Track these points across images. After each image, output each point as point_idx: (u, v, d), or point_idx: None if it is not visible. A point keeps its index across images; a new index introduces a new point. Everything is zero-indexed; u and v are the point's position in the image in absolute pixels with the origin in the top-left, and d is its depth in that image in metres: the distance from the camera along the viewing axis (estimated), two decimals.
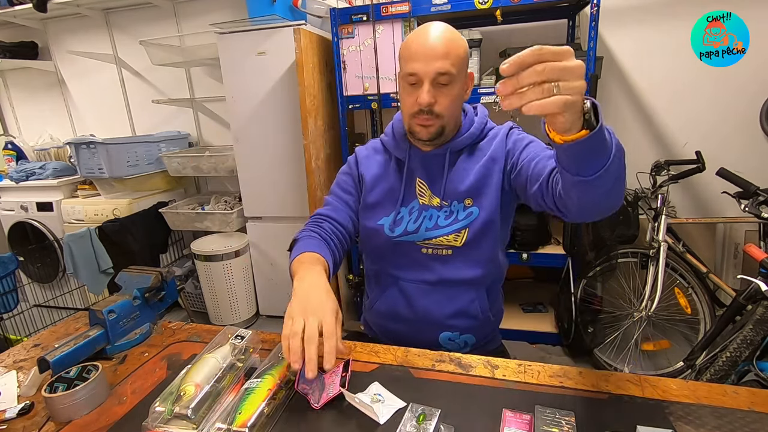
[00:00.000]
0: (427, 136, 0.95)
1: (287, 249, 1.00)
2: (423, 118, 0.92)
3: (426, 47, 0.88)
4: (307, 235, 0.99)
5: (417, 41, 0.90)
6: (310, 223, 1.05)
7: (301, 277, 0.82)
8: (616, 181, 0.66)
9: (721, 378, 1.37)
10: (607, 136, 0.60)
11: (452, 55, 0.88)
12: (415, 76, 0.89)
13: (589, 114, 0.58)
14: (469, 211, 0.98)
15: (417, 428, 0.66)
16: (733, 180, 1.75)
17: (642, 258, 1.97)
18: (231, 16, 2.58)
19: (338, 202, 1.08)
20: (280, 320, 2.66)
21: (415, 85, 0.91)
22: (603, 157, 0.61)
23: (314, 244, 0.95)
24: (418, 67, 0.88)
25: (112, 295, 1.02)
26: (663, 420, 0.67)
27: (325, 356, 0.68)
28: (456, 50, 0.88)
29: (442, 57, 0.87)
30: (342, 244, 1.04)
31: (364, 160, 1.09)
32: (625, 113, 2.26)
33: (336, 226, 1.04)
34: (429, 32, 0.89)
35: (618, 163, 0.63)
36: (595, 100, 0.59)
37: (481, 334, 1.05)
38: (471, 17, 2.19)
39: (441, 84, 0.89)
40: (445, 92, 0.90)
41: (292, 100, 2.21)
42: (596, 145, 0.59)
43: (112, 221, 2.43)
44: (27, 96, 3.28)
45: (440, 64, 0.87)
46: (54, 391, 0.76)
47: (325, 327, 0.70)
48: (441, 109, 0.91)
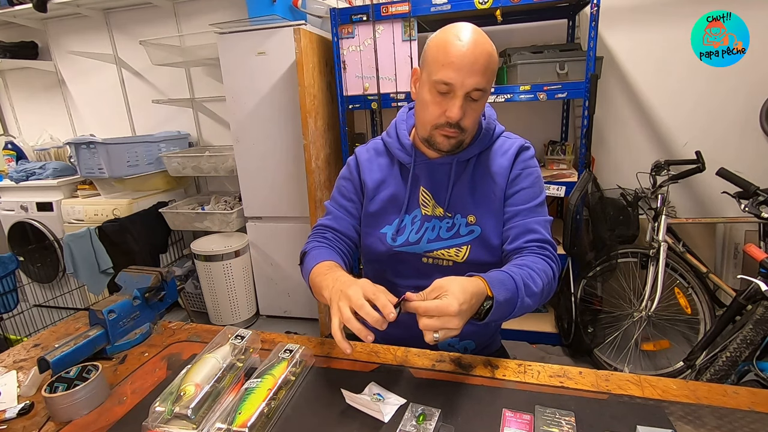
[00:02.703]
0: (448, 148, 0.91)
1: (298, 263, 1.01)
2: (447, 130, 0.88)
3: (467, 59, 0.82)
4: (315, 246, 0.99)
5: (456, 48, 0.82)
6: (313, 235, 1.04)
7: (327, 286, 0.82)
8: (522, 313, 0.83)
9: (721, 378, 1.37)
10: (511, 298, 0.78)
11: (489, 71, 0.84)
12: (449, 86, 0.84)
13: (480, 315, 0.76)
14: (471, 228, 0.96)
15: (417, 428, 0.66)
16: (733, 180, 1.75)
17: (642, 258, 1.97)
18: (231, 16, 2.58)
19: (339, 210, 1.06)
20: (280, 320, 2.67)
21: (446, 95, 0.85)
22: (506, 312, 0.79)
23: (325, 254, 0.95)
24: (454, 77, 0.82)
25: (112, 295, 1.02)
26: (663, 420, 0.67)
27: (383, 311, 0.70)
28: (493, 66, 0.85)
29: (481, 73, 0.82)
30: (348, 252, 1.04)
31: (366, 164, 1.04)
32: (625, 113, 2.26)
33: (339, 236, 1.03)
34: (470, 41, 0.82)
35: (521, 310, 0.81)
36: (491, 275, 0.80)
37: (481, 339, 1.05)
38: (471, 17, 2.18)
39: (472, 99, 0.85)
40: (474, 107, 0.87)
41: (292, 100, 2.21)
42: (500, 310, 0.76)
43: (112, 221, 2.43)
44: (27, 96, 3.28)
45: (478, 80, 0.83)
46: (54, 391, 0.76)
47: (367, 290, 0.73)
48: (467, 124, 0.88)
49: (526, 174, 0.95)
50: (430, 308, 0.69)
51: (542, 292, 0.84)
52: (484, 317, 0.75)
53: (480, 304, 0.74)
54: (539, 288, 0.82)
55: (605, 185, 2.23)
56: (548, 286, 0.86)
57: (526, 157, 0.97)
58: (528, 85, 1.89)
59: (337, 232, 1.04)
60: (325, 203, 1.10)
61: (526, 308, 0.81)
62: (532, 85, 1.88)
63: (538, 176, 0.97)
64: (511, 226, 0.94)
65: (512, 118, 2.39)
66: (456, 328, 0.69)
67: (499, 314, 0.76)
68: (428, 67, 0.87)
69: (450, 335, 0.70)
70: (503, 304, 0.76)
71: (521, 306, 0.79)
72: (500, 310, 0.76)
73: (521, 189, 0.95)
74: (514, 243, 0.92)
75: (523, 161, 0.96)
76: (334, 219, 1.05)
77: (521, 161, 0.96)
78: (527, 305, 0.81)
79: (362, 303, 0.71)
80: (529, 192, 0.94)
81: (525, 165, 0.96)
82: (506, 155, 0.96)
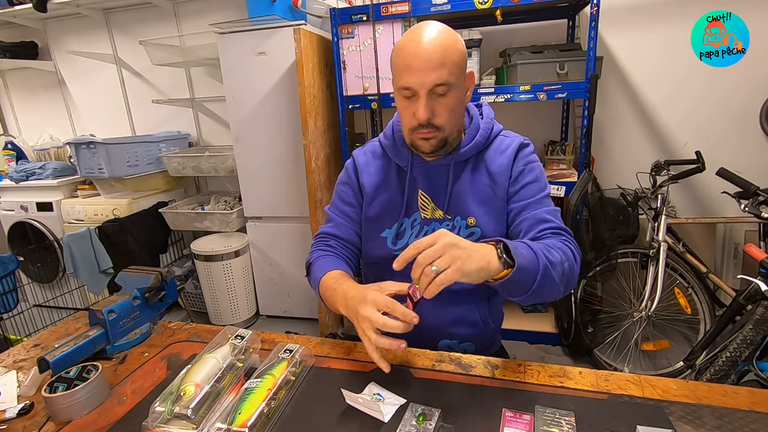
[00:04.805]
0: (429, 149, 0.90)
1: (305, 275, 1.02)
2: (423, 132, 0.88)
3: (421, 58, 0.81)
4: (320, 256, 0.99)
5: (409, 50, 0.83)
6: (316, 243, 1.04)
7: (340, 304, 0.84)
8: (549, 291, 0.77)
9: (721, 378, 1.37)
10: (531, 265, 0.71)
11: (448, 63, 0.81)
12: (410, 90, 0.84)
13: (503, 258, 0.70)
14: (472, 230, 0.95)
15: (417, 428, 0.66)
16: (733, 180, 1.75)
17: (642, 258, 1.97)
18: (231, 16, 2.58)
19: (340, 216, 1.05)
20: (280, 320, 2.67)
21: (411, 99, 0.86)
22: (528, 282, 0.72)
23: (330, 263, 0.95)
24: (412, 80, 0.82)
25: (112, 295, 1.02)
26: (663, 420, 0.67)
27: (404, 319, 0.72)
28: (452, 57, 0.82)
29: (438, 67, 0.81)
30: (353, 258, 1.04)
31: (363, 167, 1.03)
32: (625, 113, 2.26)
33: (342, 243, 1.03)
34: (422, 39, 0.82)
35: (544, 281, 0.73)
36: (506, 239, 0.72)
37: (481, 341, 1.04)
38: (471, 17, 2.19)
39: (438, 95, 0.84)
40: (443, 103, 0.85)
41: (292, 100, 2.21)
42: (520, 278, 0.70)
43: (112, 221, 2.43)
44: (27, 96, 3.28)
45: (436, 75, 0.81)
46: (54, 391, 0.76)
47: (380, 304, 0.75)
48: (441, 121, 0.86)
49: (529, 169, 0.94)
50: (421, 243, 0.68)
51: (561, 265, 0.77)
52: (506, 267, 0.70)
53: (484, 255, 0.69)
54: (557, 260, 0.77)
55: (605, 185, 2.23)
56: (568, 264, 0.80)
57: (527, 153, 0.96)
58: (528, 85, 1.89)
59: (340, 239, 1.03)
60: (326, 209, 1.09)
61: (551, 279, 0.74)
62: (532, 85, 1.88)
63: (541, 170, 0.96)
64: (521, 220, 0.91)
65: (512, 118, 2.39)
66: (449, 252, 0.66)
67: (523, 261, 0.69)
68: (394, 76, 0.88)
69: (446, 262, 0.66)
70: (520, 255, 0.70)
71: (545, 270, 0.73)
72: (522, 258, 0.70)
73: (526, 184, 0.93)
74: (527, 235, 0.88)
75: (525, 157, 0.95)
76: (335, 226, 1.05)
77: (522, 157, 0.95)
78: (549, 274, 0.74)
79: (384, 320, 0.73)
80: (534, 186, 0.93)
81: (527, 161, 0.95)
82: (506, 153, 0.95)
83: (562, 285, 0.79)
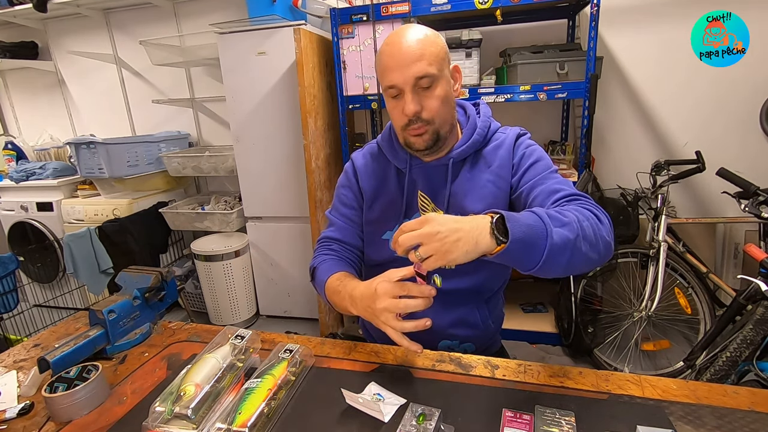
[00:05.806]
0: (423, 145, 0.90)
1: (309, 280, 1.02)
2: (414, 128, 0.88)
3: (398, 55, 0.84)
4: (324, 260, 0.99)
5: (388, 51, 0.86)
6: (319, 248, 1.04)
7: (350, 305, 0.85)
8: (571, 260, 0.69)
9: (721, 378, 1.37)
10: (533, 233, 0.66)
11: (427, 54, 0.83)
12: (394, 87, 0.86)
13: (495, 233, 0.66)
14: None
15: (417, 428, 0.66)
16: (733, 180, 1.75)
17: (642, 258, 1.97)
18: (231, 16, 2.58)
19: (341, 219, 1.05)
20: (280, 320, 2.67)
21: (398, 97, 0.87)
22: (534, 253, 0.66)
23: (334, 266, 0.96)
24: (395, 77, 0.84)
25: (112, 295, 1.02)
26: (663, 420, 0.67)
27: (422, 295, 0.73)
28: (430, 48, 0.84)
29: (417, 60, 0.83)
30: (356, 261, 1.04)
31: (363, 170, 1.03)
32: (625, 113, 2.26)
33: (345, 246, 1.03)
34: (398, 38, 0.85)
35: (557, 248, 0.66)
36: (505, 212, 0.67)
37: (481, 342, 1.04)
38: (471, 17, 2.19)
39: (423, 88, 0.85)
40: (429, 95, 0.86)
41: (292, 100, 2.21)
42: (520, 249, 0.65)
43: (112, 221, 2.43)
44: (27, 96, 3.28)
45: (417, 68, 0.83)
46: (54, 391, 0.76)
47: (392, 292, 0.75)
48: (430, 114, 0.87)
49: (529, 153, 0.94)
50: (405, 227, 0.69)
51: (578, 226, 0.70)
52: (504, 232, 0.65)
53: (471, 236, 0.65)
54: (569, 219, 0.70)
55: (605, 185, 2.23)
56: (588, 223, 0.72)
57: (525, 141, 0.97)
58: (528, 85, 1.89)
59: (342, 242, 1.03)
60: (327, 213, 1.09)
61: (566, 244, 0.67)
62: (532, 85, 1.88)
63: (543, 152, 0.95)
64: (531, 199, 0.87)
65: (512, 118, 2.39)
66: (436, 247, 0.64)
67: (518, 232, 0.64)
68: (379, 80, 0.91)
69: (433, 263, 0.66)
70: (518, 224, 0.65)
71: (557, 236, 0.66)
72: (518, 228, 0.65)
73: (530, 166, 0.92)
74: (551, 197, 0.84)
75: (523, 145, 0.96)
76: (337, 230, 1.05)
77: (520, 146, 0.95)
78: (565, 239, 0.67)
79: (404, 303, 0.74)
80: (539, 165, 0.92)
81: (526, 146, 0.95)
82: (505, 146, 0.95)
83: (589, 249, 0.71)
